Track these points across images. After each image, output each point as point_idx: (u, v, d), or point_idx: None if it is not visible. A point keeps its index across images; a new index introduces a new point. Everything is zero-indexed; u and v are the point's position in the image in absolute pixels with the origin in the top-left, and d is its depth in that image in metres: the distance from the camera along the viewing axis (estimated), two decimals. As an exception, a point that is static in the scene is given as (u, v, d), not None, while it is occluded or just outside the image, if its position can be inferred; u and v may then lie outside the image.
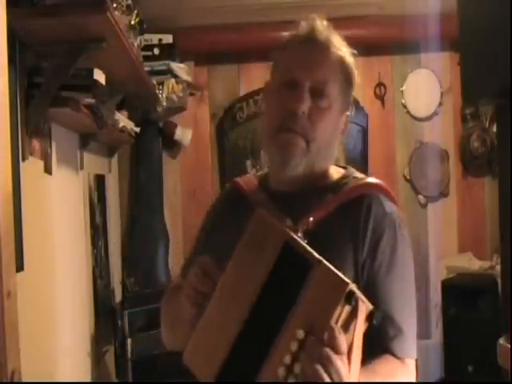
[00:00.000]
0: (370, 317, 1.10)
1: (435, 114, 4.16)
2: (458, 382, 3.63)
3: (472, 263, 3.94)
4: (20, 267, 1.96)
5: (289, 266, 1.12)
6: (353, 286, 1.05)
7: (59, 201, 2.63)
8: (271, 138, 1.35)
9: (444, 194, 4.17)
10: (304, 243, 1.13)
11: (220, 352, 1.14)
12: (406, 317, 1.29)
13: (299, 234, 1.20)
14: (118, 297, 3.77)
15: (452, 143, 4.17)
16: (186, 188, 4.14)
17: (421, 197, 4.15)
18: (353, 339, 1.05)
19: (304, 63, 1.34)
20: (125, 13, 2.61)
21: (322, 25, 1.36)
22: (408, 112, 4.15)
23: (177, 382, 3.35)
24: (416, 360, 1.30)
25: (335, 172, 1.41)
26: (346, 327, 1.04)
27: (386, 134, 4.17)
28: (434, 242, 4.13)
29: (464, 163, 4.16)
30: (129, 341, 3.31)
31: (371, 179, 1.39)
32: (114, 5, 2.35)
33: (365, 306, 1.08)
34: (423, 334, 3.91)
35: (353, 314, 1.05)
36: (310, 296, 1.07)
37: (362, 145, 4.09)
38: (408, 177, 4.15)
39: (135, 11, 2.82)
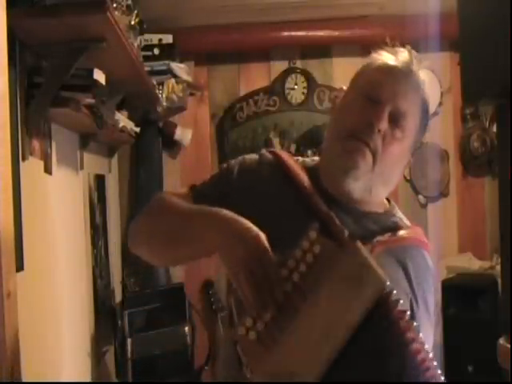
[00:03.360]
0: None
1: (435, 114, 4.14)
2: (458, 382, 3.63)
3: (472, 263, 3.93)
4: (20, 267, 1.96)
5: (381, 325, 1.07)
6: None
7: (59, 201, 2.63)
8: (340, 141, 1.29)
9: (444, 194, 4.17)
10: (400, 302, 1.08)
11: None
12: None
13: None
14: (118, 297, 3.77)
15: (452, 143, 4.17)
16: (186, 188, 4.13)
17: (421, 197, 4.15)
18: None
19: (393, 86, 1.31)
20: (125, 13, 2.61)
21: (417, 58, 1.38)
22: (408, 112, 4.15)
23: (177, 382, 3.37)
24: None
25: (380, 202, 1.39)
26: None
27: (386, 134, 4.16)
28: (433, 242, 4.11)
29: (464, 163, 4.15)
30: (129, 341, 3.31)
31: (416, 231, 1.36)
32: (114, 5, 2.34)
33: None
34: (423, 333, 3.90)
35: None
36: None
37: (362, 145, 4.08)
38: (408, 177, 4.14)
39: (135, 11, 2.82)
